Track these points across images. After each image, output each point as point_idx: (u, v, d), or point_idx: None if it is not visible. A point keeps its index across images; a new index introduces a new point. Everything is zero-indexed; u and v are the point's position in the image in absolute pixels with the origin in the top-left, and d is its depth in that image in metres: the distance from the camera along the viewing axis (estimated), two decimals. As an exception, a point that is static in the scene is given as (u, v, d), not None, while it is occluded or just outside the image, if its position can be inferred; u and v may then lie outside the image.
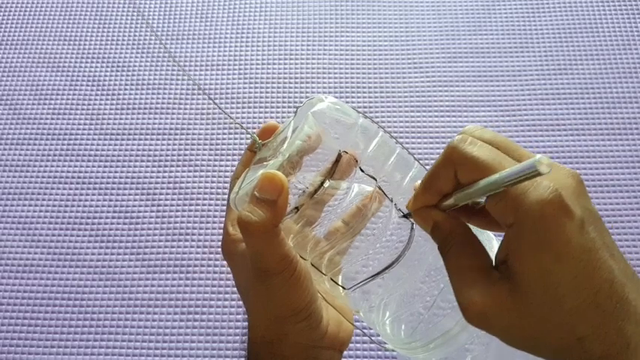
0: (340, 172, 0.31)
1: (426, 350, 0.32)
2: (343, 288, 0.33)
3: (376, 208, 0.33)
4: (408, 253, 0.32)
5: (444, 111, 0.87)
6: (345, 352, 0.71)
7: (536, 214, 0.24)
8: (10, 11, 0.97)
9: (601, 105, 0.86)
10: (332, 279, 0.33)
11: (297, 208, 0.31)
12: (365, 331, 0.68)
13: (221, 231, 0.79)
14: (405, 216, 0.32)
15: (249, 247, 0.31)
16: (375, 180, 0.32)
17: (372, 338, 0.43)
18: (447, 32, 0.93)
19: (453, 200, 0.27)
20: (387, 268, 0.32)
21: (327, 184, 0.31)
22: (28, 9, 0.97)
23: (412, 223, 0.32)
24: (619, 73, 0.89)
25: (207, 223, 0.80)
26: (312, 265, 0.33)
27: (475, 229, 0.29)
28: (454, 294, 0.27)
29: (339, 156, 0.31)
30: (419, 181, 0.30)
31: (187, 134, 0.86)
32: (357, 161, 0.31)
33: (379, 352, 0.71)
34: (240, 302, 0.75)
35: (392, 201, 0.32)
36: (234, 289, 0.76)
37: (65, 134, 0.86)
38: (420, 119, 0.86)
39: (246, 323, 0.74)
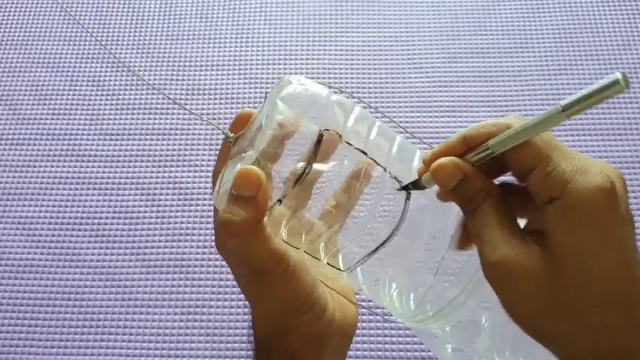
0: (323, 152, 0.30)
1: (438, 319, 0.31)
2: (341, 270, 0.32)
3: (367, 181, 0.31)
4: (406, 222, 0.31)
5: (443, 111, 0.87)
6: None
7: (587, 196, 0.23)
8: (10, 11, 0.97)
9: (601, 105, 0.86)
10: (329, 263, 0.32)
11: (279, 201, 0.29)
12: (374, 310, 0.68)
13: (221, 231, 0.79)
14: (405, 187, 0.30)
15: (236, 248, 0.30)
16: (365, 153, 0.30)
17: (385, 317, 0.41)
18: (447, 32, 0.93)
19: (489, 148, 0.26)
20: (384, 242, 0.31)
21: (310, 168, 0.29)
22: (27, 9, 0.97)
23: (408, 192, 0.31)
24: (619, 74, 0.89)
25: (208, 223, 0.80)
26: (307, 252, 0.32)
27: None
28: (480, 251, 0.26)
29: (320, 136, 0.29)
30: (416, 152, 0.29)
31: (187, 134, 0.86)
32: (340, 136, 0.30)
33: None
34: (240, 302, 0.75)
35: (385, 170, 0.31)
36: (235, 289, 0.76)
37: (65, 134, 0.86)
38: (419, 119, 0.86)
39: (246, 323, 0.74)
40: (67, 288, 0.77)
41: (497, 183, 0.28)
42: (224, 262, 0.77)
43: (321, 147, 0.29)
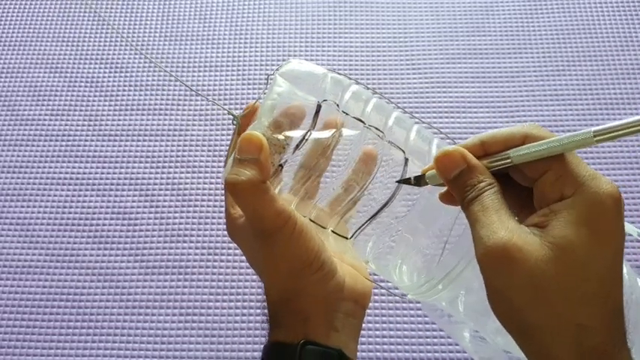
0: (322, 122, 0.31)
1: (444, 287, 0.31)
2: (346, 238, 0.33)
3: (371, 160, 0.33)
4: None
5: (442, 112, 0.87)
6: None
7: (598, 199, 0.25)
8: (9, 12, 0.97)
9: (599, 106, 0.87)
10: (334, 231, 0.33)
11: (281, 166, 0.31)
12: (381, 284, 0.68)
13: (219, 232, 0.79)
14: (406, 181, 0.31)
15: (244, 210, 0.31)
16: (363, 122, 0.32)
17: (390, 290, 0.42)
18: (446, 33, 0.93)
19: (508, 157, 0.27)
20: (383, 206, 0.32)
21: (309, 135, 0.30)
22: (26, 10, 0.97)
23: (406, 159, 0.32)
24: (617, 74, 0.89)
25: (206, 224, 0.80)
26: (313, 221, 0.33)
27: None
28: (477, 235, 0.26)
29: (319, 107, 0.31)
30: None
31: (185, 135, 0.86)
32: (337, 105, 0.31)
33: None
34: (239, 303, 0.75)
35: (384, 135, 0.32)
36: (233, 289, 0.76)
37: (63, 135, 0.86)
38: (418, 120, 0.86)
39: (244, 324, 0.74)
40: (65, 289, 0.76)
41: None
42: (222, 263, 0.77)
43: (319, 117, 0.30)
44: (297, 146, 0.30)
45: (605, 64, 0.90)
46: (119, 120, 0.87)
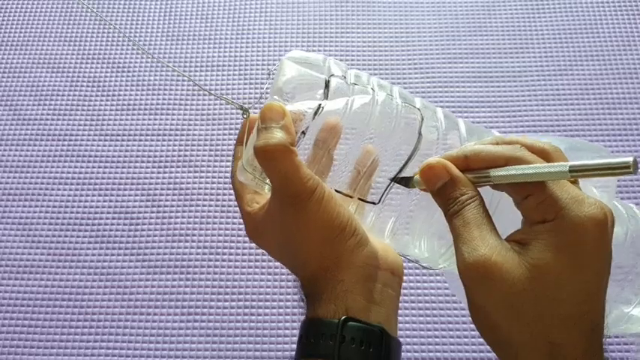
0: (332, 94, 0.32)
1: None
2: (374, 203, 0.34)
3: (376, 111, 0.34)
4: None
5: (444, 112, 0.87)
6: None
7: (578, 223, 0.25)
8: (11, 12, 0.97)
9: (601, 106, 0.86)
10: (360, 198, 0.34)
11: (303, 132, 0.31)
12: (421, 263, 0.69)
13: (221, 232, 0.79)
14: (396, 180, 0.32)
15: (274, 176, 0.31)
16: (373, 90, 0.33)
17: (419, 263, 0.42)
18: (447, 33, 0.93)
19: (488, 176, 0.27)
20: (405, 163, 0.32)
21: (324, 103, 0.31)
22: (28, 10, 0.97)
23: (421, 120, 0.33)
24: (619, 74, 0.89)
25: (208, 224, 0.80)
26: (339, 191, 0.33)
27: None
28: (459, 251, 0.27)
29: (327, 81, 0.32)
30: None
31: (187, 135, 0.86)
32: (344, 77, 0.33)
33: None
34: (240, 303, 0.75)
35: (392, 95, 0.33)
36: (234, 289, 0.76)
37: (65, 135, 0.87)
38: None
39: (246, 324, 0.74)
40: (67, 288, 0.77)
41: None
42: (224, 263, 0.77)
43: (330, 90, 0.32)
44: (316, 113, 0.31)
45: (606, 63, 0.90)
46: (121, 120, 0.88)
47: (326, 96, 0.32)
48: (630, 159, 0.22)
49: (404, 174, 0.33)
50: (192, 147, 0.85)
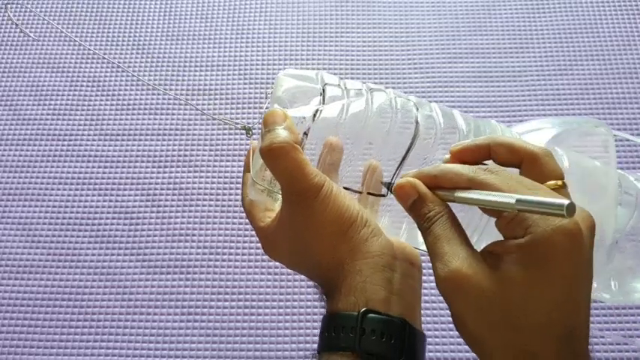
0: (329, 100, 0.34)
1: (478, 243, 0.33)
2: (384, 195, 0.35)
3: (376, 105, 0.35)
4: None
5: (444, 111, 0.87)
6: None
7: (545, 237, 0.25)
8: (11, 12, 0.97)
9: (601, 105, 0.86)
10: (370, 192, 0.35)
11: (305, 134, 0.33)
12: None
13: (221, 232, 0.79)
14: (387, 186, 0.34)
15: (281, 175, 0.31)
16: (368, 91, 0.35)
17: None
18: (447, 33, 0.93)
19: (453, 197, 0.29)
20: (408, 149, 0.34)
21: (321, 107, 0.33)
22: (27, 10, 0.97)
23: (417, 107, 0.35)
24: (619, 74, 0.89)
25: (208, 223, 0.80)
26: (347, 188, 0.34)
27: None
28: (433, 266, 0.28)
29: (323, 89, 0.34)
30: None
31: (187, 135, 0.86)
32: (339, 85, 0.35)
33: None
34: (240, 303, 0.75)
35: (386, 92, 0.35)
36: (234, 289, 0.76)
37: (65, 135, 0.86)
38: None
39: (246, 324, 0.74)
40: (67, 288, 0.77)
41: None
42: (224, 263, 0.77)
43: (326, 96, 0.33)
44: (314, 115, 0.33)
45: (607, 63, 0.89)
46: (121, 119, 0.87)
47: (323, 102, 0.33)
48: (566, 202, 0.24)
49: (407, 161, 0.34)
50: (192, 147, 0.85)
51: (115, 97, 0.89)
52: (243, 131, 0.38)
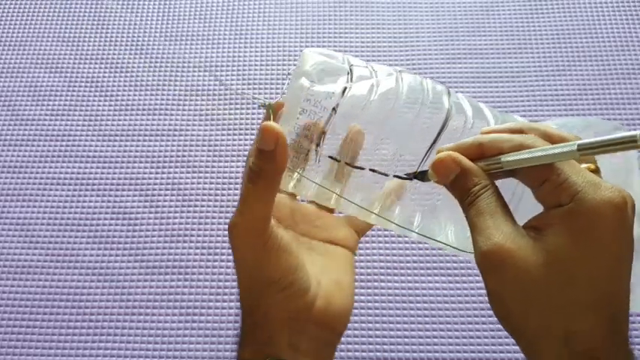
0: (356, 79, 0.32)
1: None
2: (410, 179, 0.33)
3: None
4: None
5: (442, 112, 0.87)
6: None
7: (595, 206, 0.24)
8: (8, 12, 0.97)
9: (600, 106, 0.87)
10: (396, 175, 0.33)
11: (334, 109, 0.31)
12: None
13: (220, 232, 0.79)
14: (414, 176, 0.32)
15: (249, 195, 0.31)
16: (400, 71, 0.33)
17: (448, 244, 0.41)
18: (446, 33, 0.93)
19: (499, 163, 0.27)
20: (439, 133, 0.32)
21: (349, 85, 0.32)
22: (26, 10, 0.97)
23: (449, 90, 0.34)
24: (617, 75, 0.89)
25: (206, 224, 0.80)
26: (374, 170, 0.33)
27: None
28: (475, 241, 0.27)
29: (351, 69, 0.32)
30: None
31: (186, 135, 0.86)
32: (366, 67, 0.33)
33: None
34: (239, 304, 0.75)
35: (399, 72, 0.33)
36: (233, 289, 0.76)
37: (63, 135, 0.86)
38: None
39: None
40: (65, 289, 0.76)
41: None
42: (223, 263, 0.77)
43: (354, 75, 0.32)
44: (344, 92, 0.31)
45: (605, 64, 0.90)
46: (119, 120, 0.87)
47: (351, 80, 0.32)
48: (638, 133, 0.22)
49: (436, 145, 0.32)
50: (190, 147, 0.85)
51: (113, 97, 0.89)
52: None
